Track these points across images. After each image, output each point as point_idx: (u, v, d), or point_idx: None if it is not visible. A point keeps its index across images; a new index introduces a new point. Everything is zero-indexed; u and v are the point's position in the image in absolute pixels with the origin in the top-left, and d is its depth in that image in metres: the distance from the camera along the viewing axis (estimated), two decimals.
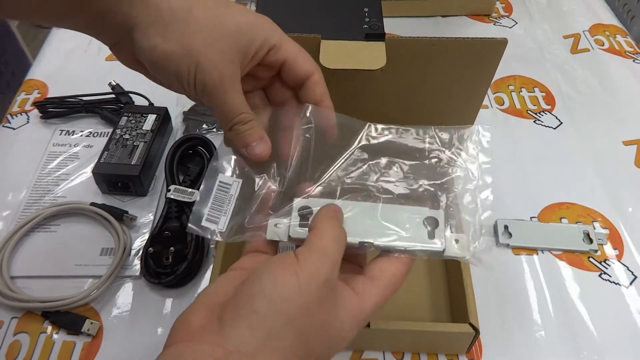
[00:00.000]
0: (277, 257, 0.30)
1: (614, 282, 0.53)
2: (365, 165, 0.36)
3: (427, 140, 0.36)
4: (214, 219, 0.34)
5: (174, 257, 0.51)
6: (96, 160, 0.58)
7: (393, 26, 0.81)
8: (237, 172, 0.36)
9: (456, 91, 0.44)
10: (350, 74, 0.39)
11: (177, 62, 0.32)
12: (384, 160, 0.36)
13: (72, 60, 0.77)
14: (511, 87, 0.73)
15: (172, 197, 0.55)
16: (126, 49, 0.34)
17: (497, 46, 0.39)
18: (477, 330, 0.42)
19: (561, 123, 0.68)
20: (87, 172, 0.61)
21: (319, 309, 0.28)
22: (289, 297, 0.27)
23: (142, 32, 0.32)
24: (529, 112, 0.70)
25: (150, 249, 0.52)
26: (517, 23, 0.84)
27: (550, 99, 0.72)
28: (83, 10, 0.32)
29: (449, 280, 0.51)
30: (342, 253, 0.31)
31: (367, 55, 0.39)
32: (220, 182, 0.35)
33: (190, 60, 0.32)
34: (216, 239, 0.35)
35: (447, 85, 0.43)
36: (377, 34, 0.56)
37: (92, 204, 0.57)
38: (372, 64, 0.39)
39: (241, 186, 0.35)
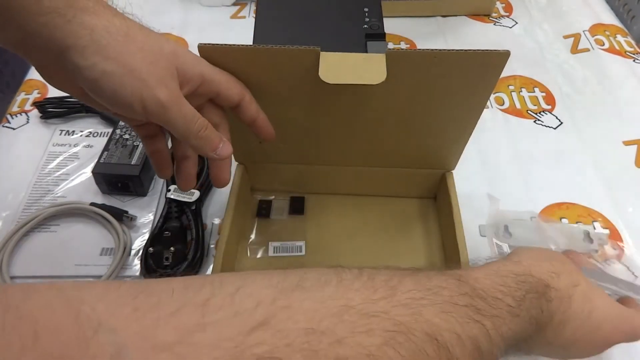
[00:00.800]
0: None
1: None
2: None
3: None
4: None
5: (174, 257, 0.51)
6: (96, 160, 0.58)
7: (393, 26, 0.81)
8: None
9: (457, 101, 0.44)
10: (350, 88, 0.39)
11: (120, 81, 0.32)
12: None
13: None
14: (511, 87, 0.73)
15: (172, 197, 0.55)
16: (56, 72, 0.34)
17: (499, 58, 0.39)
18: None
19: (561, 123, 0.68)
20: (87, 172, 0.61)
21: None
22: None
23: (78, 53, 0.31)
24: (529, 112, 0.70)
25: (150, 249, 0.52)
26: (517, 23, 0.84)
27: (550, 99, 0.72)
28: (6, 27, 0.31)
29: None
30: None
31: (367, 69, 0.39)
32: None
33: (133, 78, 0.32)
34: None
35: (447, 95, 0.43)
36: (377, 34, 0.57)
37: (92, 204, 0.56)
38: (372, 79, 0.38)
39: None
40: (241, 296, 0.25)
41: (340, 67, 0.39)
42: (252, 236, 0.55)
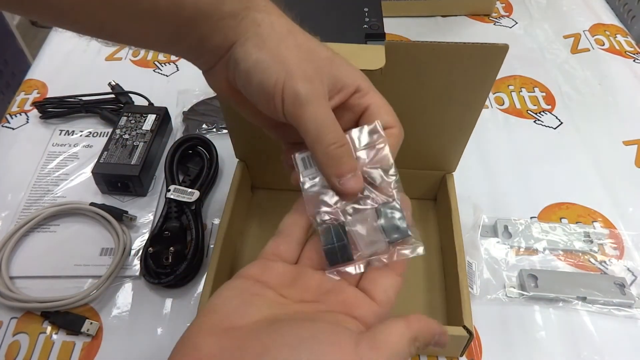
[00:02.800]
0: (328, 326, 0.27)
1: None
2: None
3: None
4: None
5: (173, 257, 0.51)
6: (96, 160, 0.58)
7: (393, 26, 0.81)
8: None
9: (456, 96, 0.44)
10: None
11: (268, 70, 0.31)
12: None
13: (72, 60, 0.77)
14: (511, 87, 0.73)
15: (172, 197, 0.55)
16: (220, 73, 0.34)
17: (498, 51, 0.39)
18: (470, 334, 0.42)
19: (561, 123, 0.68)
20: (87, 172, 0.61)
21: None
22: None
23: (240, 46, 0.32)
24: (529, 112, 0.70)
25: (150, 249, 0.52)
26: (517, 23, 0.84)
27: (550, 99, 0.72)
28: (188, 36, 0.32)
29: (446, 282, 0.51)
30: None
31: (367, 57, 0.39)
32: None
33: (281, 68, 0.31)
34: None
35: (447, 90, 0.43)
36: (377, 34, 0.57)
37: (92, 204, 0.56)
38: (371, 64, 0.38)
39: None
40: None
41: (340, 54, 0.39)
42: (252, 232, 0.55)
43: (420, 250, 0.32)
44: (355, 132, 0.33)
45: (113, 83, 0.69)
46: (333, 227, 0.32)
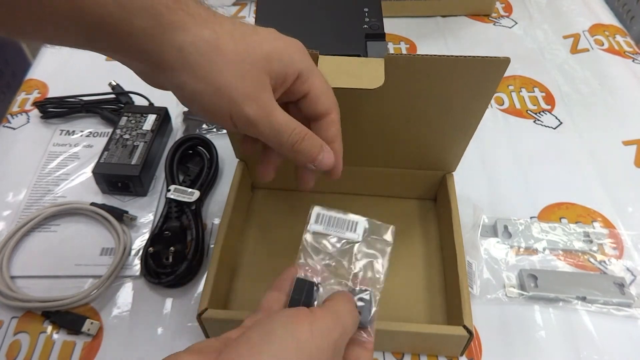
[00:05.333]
0: (290, 308, 0.30)
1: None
2: None
3: None
4: None
5: (174, 257, 0.51)
6: (96, 160, 0.58)
7: (393, 26, 0.81)
8: None
9: (455, 109, 0.44)
10: (348, 92, 0.39)
11: (209, 100, 0.31)
12: None
13: (72, 60, 0.77)
14: (511, 87, 0.73)
15: (172, 197, 0.55)
16: (153, 79, 0.34)
17: (499, 65, 0.39)
18: (471, 333, 0.42)
19: (561, 123, 0.68)
20: (87, 172, 0.61)
21: None
22: (302, 346, 0.26)
23: (168, 71, 0.31)
24: (528, 112, 0.70)
25: (151, 248, 0.52)
26: (516, 23, 0.84)
27: (550, 99, 0.72)
28: (103, 42, 0.31)
29: (446, 282, 0.51)
30: (354, 331, 0.31)
31: (366, 74, 0.39)
32: None
33: (221, 97, 0.31)
34: None
35: (447, 101, 0.43)
36: (377, 34, 0.57)
37: (92, 204, 0.57)
38: (371, 83, 0.39)
39: None
40: None
41: (339, 71, 0.39)
42: (251, 234, 0.56)
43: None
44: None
45: (113, 83, 0.69)
46: (308, 284, 0.33)
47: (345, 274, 0.34)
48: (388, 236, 0.35)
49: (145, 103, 0.67)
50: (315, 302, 0.33)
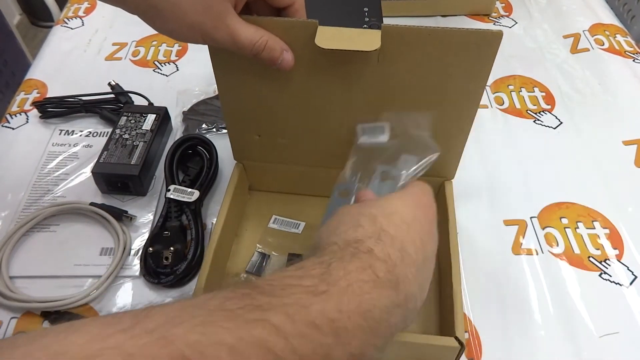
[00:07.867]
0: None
1: (614, 282, 0.53)
2: None
3: None
4: None
5: (173, 257, 0.51)
6: (95, 160, 0.58)
7: None
8: None
9: (452, 85, 0.44)
10: (345, 57, 0.40)
11: (184, 34, 0.38)
12: None
13: (72, 60, 0.77)
14: (511, 87, 0.73)
15: (171, 197, 0.55)
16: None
17: (493, 38, 0.40)
18: (462, 345, 0.42)
19: (561, 123, 0.68)
20: (87, 172, 0.61)
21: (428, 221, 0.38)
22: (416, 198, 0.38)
23: (148, 20, 0.37)
24: (528, 112, 0.70)
25: (150, 248, 0.52)
26: (517, 23, 0.84)
27: (550, 99, 0.72)
28: None
29: (440, 291, 0.50)
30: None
31: (363, 39, 0.40)
32: None
33: (194, 32, 0.37)
34: None
35: (443, 77, 0.43)
36: None
37: (92, 203, 0.56)
38: (367, 46, 0.40)
39: None
40: None
41: (336, 36, 0.40)
42: (247, 235, 0.55)
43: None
44: None
45: (113, 83, 0.69)
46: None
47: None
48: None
49: (145, 103, 0.67)
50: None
